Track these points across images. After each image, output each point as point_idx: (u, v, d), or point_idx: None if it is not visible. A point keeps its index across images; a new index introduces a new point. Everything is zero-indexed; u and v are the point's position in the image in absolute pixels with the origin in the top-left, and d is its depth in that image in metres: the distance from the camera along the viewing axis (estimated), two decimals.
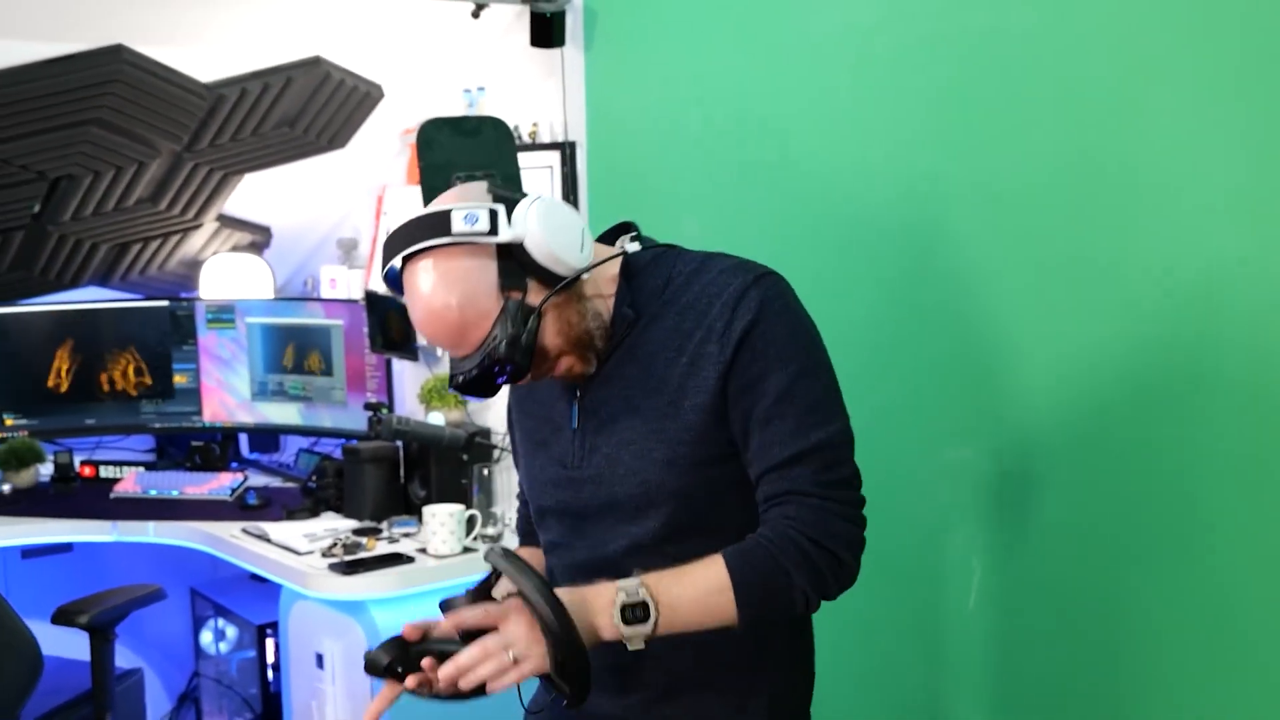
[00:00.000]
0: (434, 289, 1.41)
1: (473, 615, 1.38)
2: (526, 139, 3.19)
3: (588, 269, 1.48)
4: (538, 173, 3.12)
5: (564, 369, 1.51)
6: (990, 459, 2.06)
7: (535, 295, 1.45)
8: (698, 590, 1.41)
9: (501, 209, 1.42)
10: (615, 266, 1.55)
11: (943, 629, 2.19)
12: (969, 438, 2.09)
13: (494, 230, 1.41)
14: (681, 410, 1.49)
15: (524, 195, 1.45)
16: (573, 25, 2.99)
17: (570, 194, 3.11)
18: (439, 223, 1.41)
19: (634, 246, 1.59)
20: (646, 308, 1.54)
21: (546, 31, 2.98)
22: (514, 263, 1.43)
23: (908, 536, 2.22)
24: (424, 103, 3.33)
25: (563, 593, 1.37)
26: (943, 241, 2.11)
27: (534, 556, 1.72)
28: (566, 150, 3.12)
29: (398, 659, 1.43)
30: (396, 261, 1.45)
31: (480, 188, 1.46)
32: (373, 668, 1.44)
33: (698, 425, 1.49)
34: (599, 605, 1.39)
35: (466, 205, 1.42)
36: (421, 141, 2.71)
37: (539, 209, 1.43)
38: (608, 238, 1.62)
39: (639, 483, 1.50)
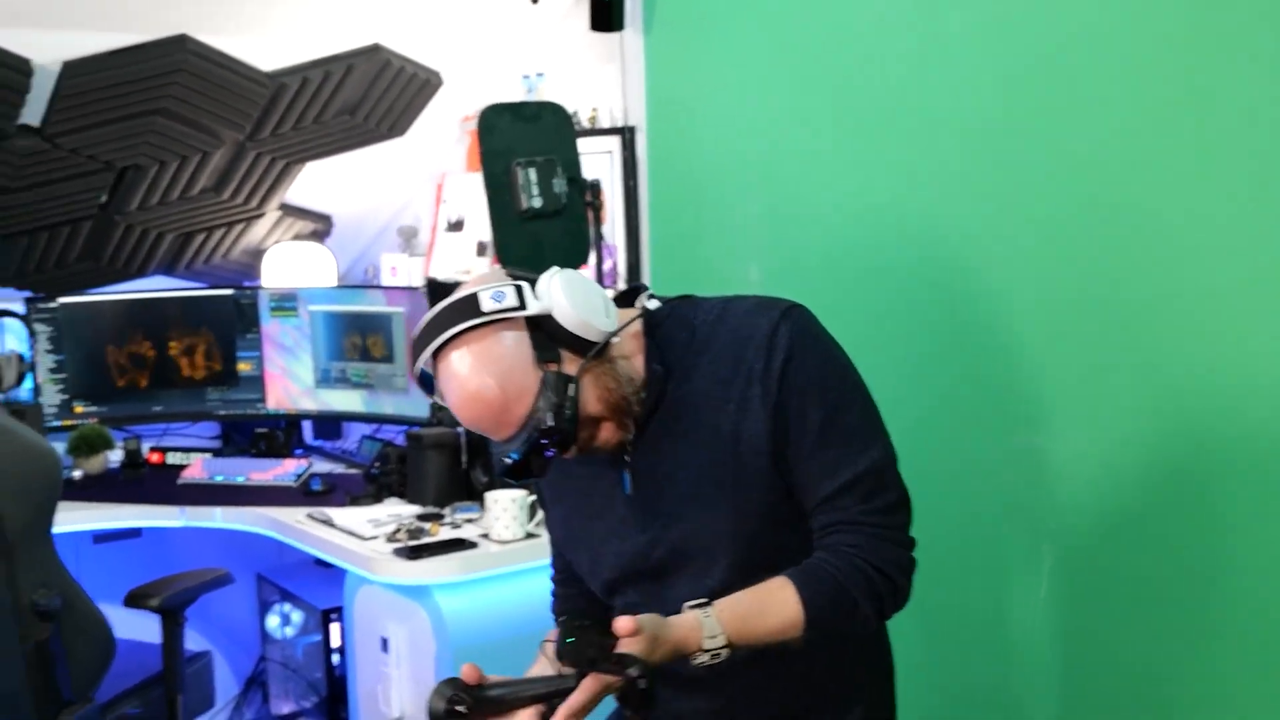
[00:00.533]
0: (471, 372, 1.43)
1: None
2: (586, 124, 3.19)
3: (616, 332, 1.50)
4: (598, 158, 3.12)
5: (604, 438, 1.52)
6: (1062, 443, 2.03)
7: (570, 365, 1.46)
8: (769, 628, 1.44)
9: (525, 285, 1.46)
10: (638, 327, 1.57)
11: (1012, 619, 2.17)
12: (1040, 423, 2.06)
13: (522, 304, 1.44)
14: (740, 455, 1.51)
15: (539, 275, 1.48)
16: (632, 9, 2.98)
17: (630, 179, 3.11)
18: (467, 307, 1.44)
19: (653, 304, 1.60)
20: (678, 363, 1.55)
21: (606, 15, 2.97)
22: (545, 335, 1.45)
23: (975, 525, 2.19)
24: (483, 89, 3.34)
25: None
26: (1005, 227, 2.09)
27: None
28: (626, 135, 3.11)
29: (455, 699, 1.42)
30: (426, 360, 1.46)
31: (498, 271, 1.50)
32: (434, 716, 1.43)
33: (761, 469, 1.51)
34: (686, 646, 1.39)
35: (490, 286, 1.45)
36: (482, 127, 2.72)
37: (561, 280, 1.46)
38: (622, 301, 1.62)
39: (709, 534, 1.51)
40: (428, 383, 1.51)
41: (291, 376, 3.63)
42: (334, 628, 3.43)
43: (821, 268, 2.47)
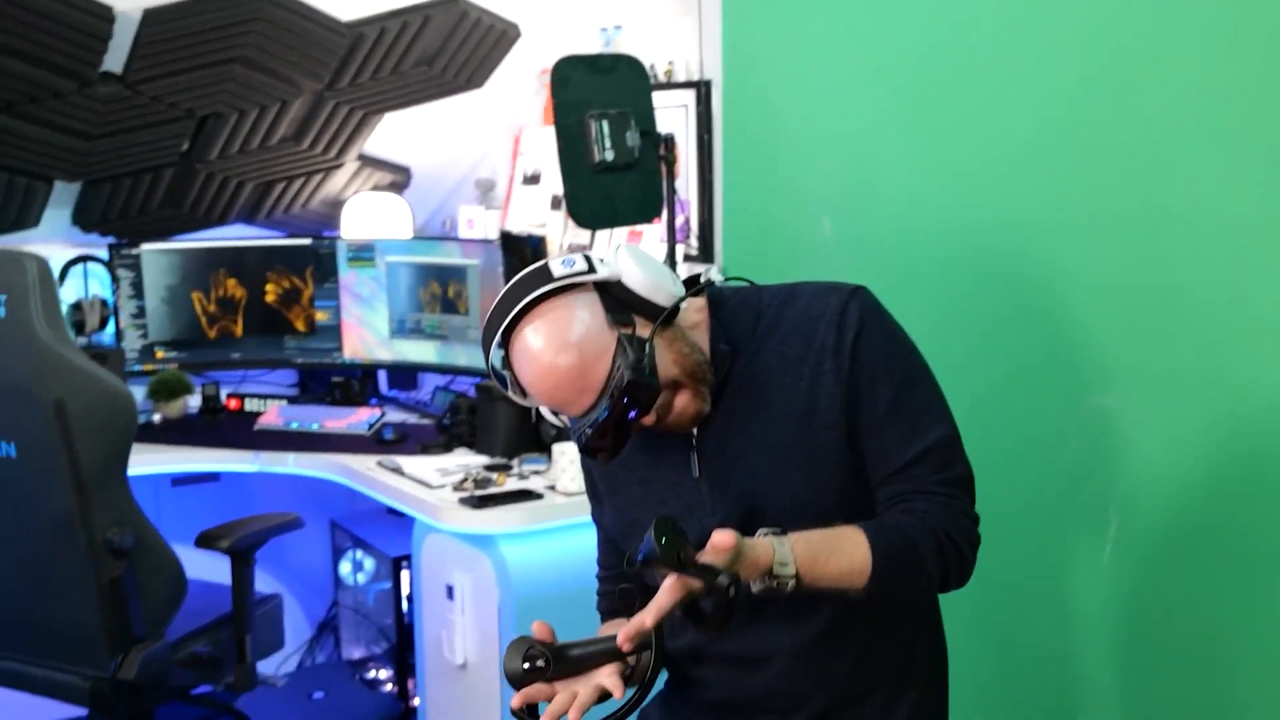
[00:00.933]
0: (549, 338, 1.44)
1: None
2: (662, 78, 3.16)
3: (684, 298, 1.51)
4: (672, 112, 3.09)
5: (681, 407, 1.51)
6: (1130, 409, 1.98)
7: (642, 330, 1.47)
8: (837, 569, 1.41)
9: (592, 254, 1.48)
10: (703, 302, 1.57)
11: (1074, 585, 2.13)
12: (1109, 388, 2.01)
13: (592, 269, 1.46)
14: (814, 431, 1.51)
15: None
16: None
17: (705, 134, 3.07)
18: (538, 275, 1.46)
19: (718, 278, 1.59)
20: (744, 343, 1.55)
21: None
22: (615, 300, 1.47)
23: (1041, 489, 2.15)
24: (561, 41, 3.32)
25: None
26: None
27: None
28: (702, 89, 3.08)
29: (533, 654, 1.42)
30: (499, 343, 1.47)
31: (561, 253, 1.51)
32: (512, 677, 1.44)
33: (834, 443, 1.51)
34: (759, 568, 1.37)
35: (558, 256, 1.48)
36: (556, 79, 2.70)
37: (626, 249, 1.50)
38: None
39: (783, 513, 1.49)
40: (500, 369, 1.51)
41: (367, 326, 3.66)
42: (404, 575, 3.48)
43: (894, 225, 2.43)
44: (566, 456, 2.75)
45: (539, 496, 2.71)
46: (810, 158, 2.68)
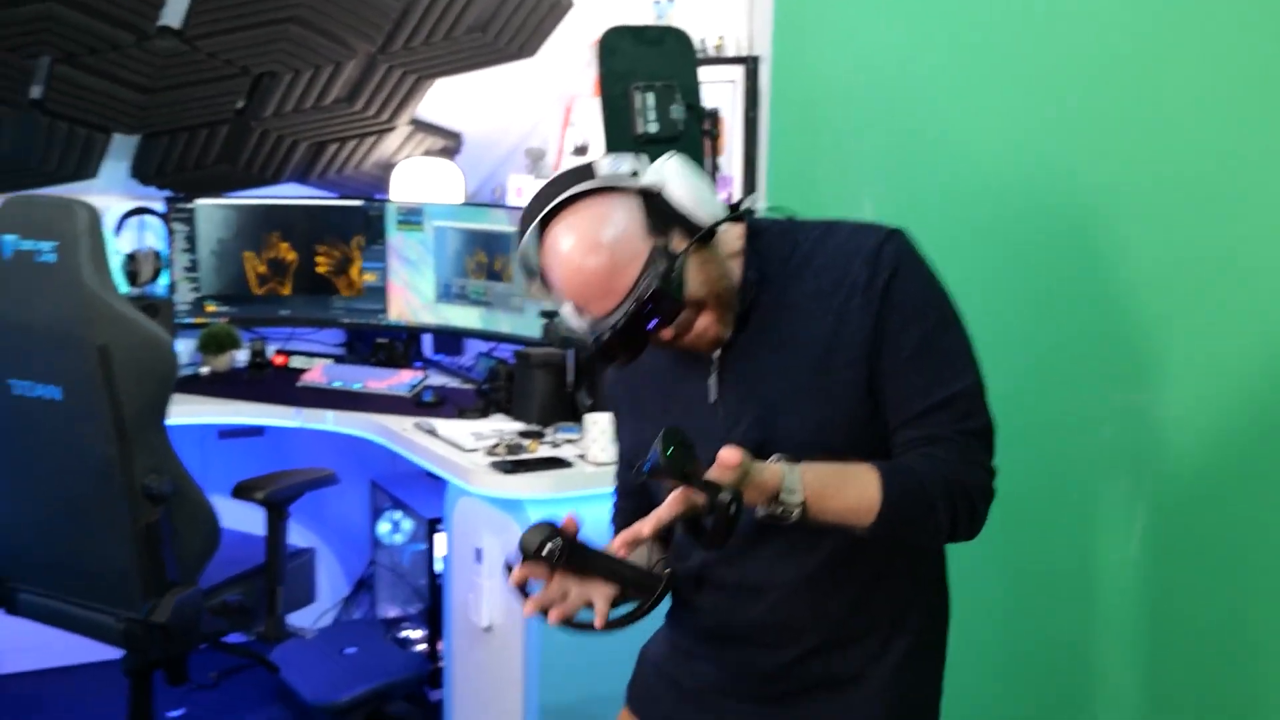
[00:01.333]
0: (582, 235, 1.44)
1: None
2: (711, 52, 3.15)
3: (723, 221, 1.50)
4: (719, 87, 3.08)
5: (701, 328, 1.51)
6: (1165, 403, 1.96)
7: (678, 245, 1.47)
8: (844, 503, 1.41)
9: (642, 161, 1.48)
10: (741, 230, 1.56)
11: (1100, 576, 2.11)
12: (1145, 381, 1.99)
13: (636, 175, 1.47)
14: (833, 368, 1.50)
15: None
16: None
17: (751, 110, 3.07)
18: (583, 172, 1.47)
19: (760, 206, 1.58)
20: (776, 274, 1.54)
21: None
22: (656, 210, 1.46)
23: (1070, 477, 2.14)
24: (613, 12, 3.32)
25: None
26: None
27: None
28: (750, 65, 3.07)
29: (550, 539, 1.41)
30: (534, 230, 1.47)
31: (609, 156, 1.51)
32: (524, 550, 1.43)
33: (853, 381, 1.49)
34: (766, 492, 1.36)
35: (606, 158, 1.47)
36: (603, 49, 2.71)
37: (675, 161, 1.49)
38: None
39: (792, 445, 1.47)
40: (529, 256, 1.51)
41: (413, 290, 3.70)
42: (439, 538, 3.51)
43: (936, 208, 2.41)
44: (598, 427, 2.76)
45: (569, 465, 2.73)
46: (854, 136, 2.67)
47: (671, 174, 1.48)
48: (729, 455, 1.31)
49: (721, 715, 1.67)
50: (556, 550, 1.41)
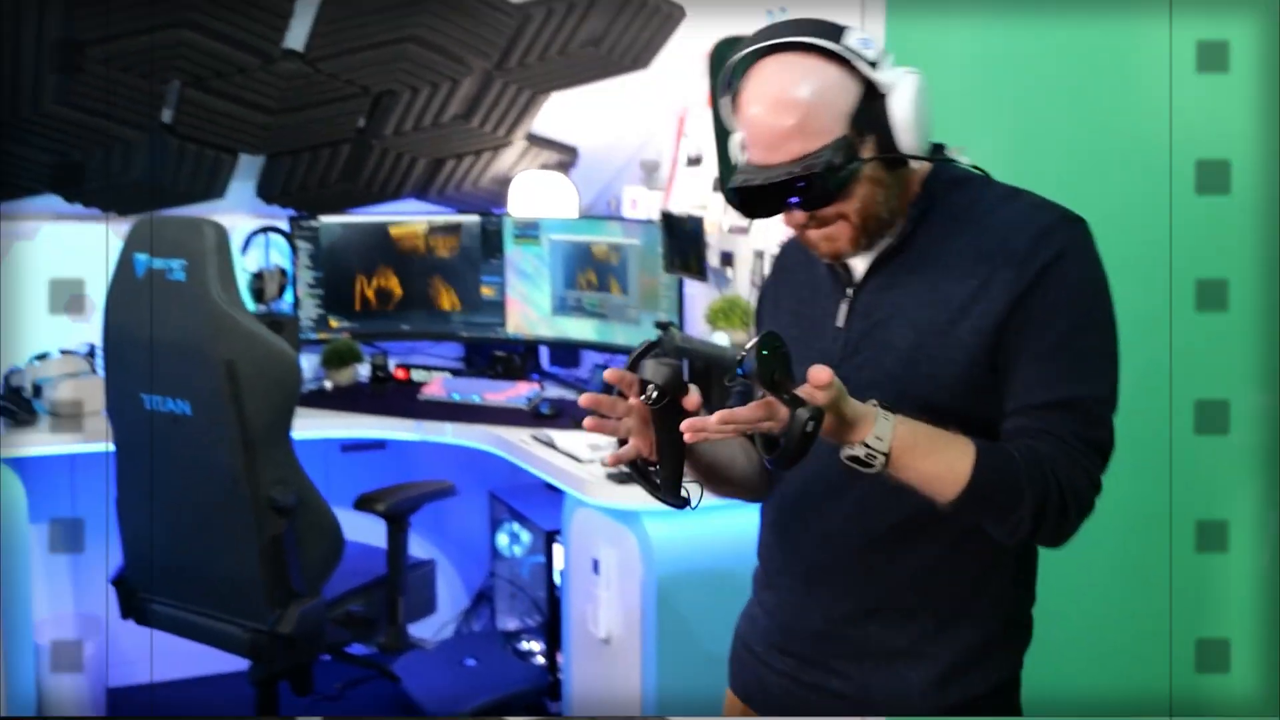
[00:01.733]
0: (791, 85, 1.40)
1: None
2: None
3: (919, 158, 1.45)
4: None
5: (831, 234, 1.47)
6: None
7: (865, 151, 1.43)
8: (931, 468, 1.36)
9: (887, 60, 1.43)
10: (927, 170, 1.51)
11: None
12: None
13: (876, 66, 1.42)
14: (957, 330, 1.44)
15: None
16: None
17: None
18: (832, 30, 1.42)
19: (965, 160, 1.53)
20: (939, 223, 1.49)
21: None
22: (868, 106, 1.41)
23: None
24: (725, 22, 3.31)
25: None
26: None
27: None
28: None
29: (656, 385, 1.40)
30: (746, 57, 1.43)
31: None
32: (630, 366, 1.43)
33: (972, 347, 1.43)
34: (854, 430, 1.33)
35: (861, 33, 1.42)
36: (714, 60, 2.70)
37: (915, 79, 1.43)
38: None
39: (894, 392, 1.43)
40: (733, 72, 1.47)
41: (530, 303, 3.72)
42: (557, 550, 3.52)
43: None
44: None
45: None
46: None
47: (904, 86, 1.41)
48: (819, 374, 1.27)
49: (764, 674, 1.65)
50: (652, 395, 1.40)
